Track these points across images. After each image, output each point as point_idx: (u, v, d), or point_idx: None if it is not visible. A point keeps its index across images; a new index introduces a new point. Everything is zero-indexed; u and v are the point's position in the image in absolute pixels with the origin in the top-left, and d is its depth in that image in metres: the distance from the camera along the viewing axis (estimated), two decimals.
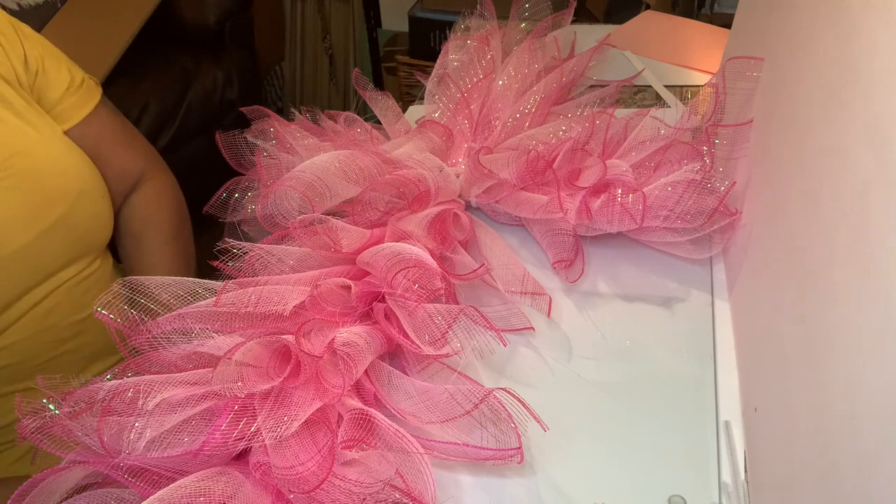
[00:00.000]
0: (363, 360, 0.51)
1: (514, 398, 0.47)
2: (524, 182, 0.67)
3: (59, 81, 0.72)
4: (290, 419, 0.46)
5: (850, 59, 0.42)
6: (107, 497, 0.44)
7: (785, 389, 0.43)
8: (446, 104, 0.80)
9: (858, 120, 0.39)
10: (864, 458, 0.31)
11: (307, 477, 0.43)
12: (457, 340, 0.52)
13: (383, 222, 0.64)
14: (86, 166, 0.72)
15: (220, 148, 0.71)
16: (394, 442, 0.47)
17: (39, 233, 0.66)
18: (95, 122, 0.75)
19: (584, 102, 0.82)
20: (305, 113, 0.77)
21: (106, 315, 0.49)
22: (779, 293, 0.48)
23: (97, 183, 0.73)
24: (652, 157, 0.67)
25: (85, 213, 0.71)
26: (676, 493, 0.47)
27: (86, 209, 0.71)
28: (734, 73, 0.66)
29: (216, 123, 1.76)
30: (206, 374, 0.48)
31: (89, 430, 0.43)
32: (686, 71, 1.00)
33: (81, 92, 0.74)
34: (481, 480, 0.49)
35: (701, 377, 0.55)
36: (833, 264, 0.39)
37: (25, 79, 0.69)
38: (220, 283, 0.53)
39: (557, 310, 0.63)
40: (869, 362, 0.32)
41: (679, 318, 0.61)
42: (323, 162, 0.65)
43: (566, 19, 0.91)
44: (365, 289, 0.57)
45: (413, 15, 1.73)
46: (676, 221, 0.60)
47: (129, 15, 1.62)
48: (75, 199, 0.69)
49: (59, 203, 0.68)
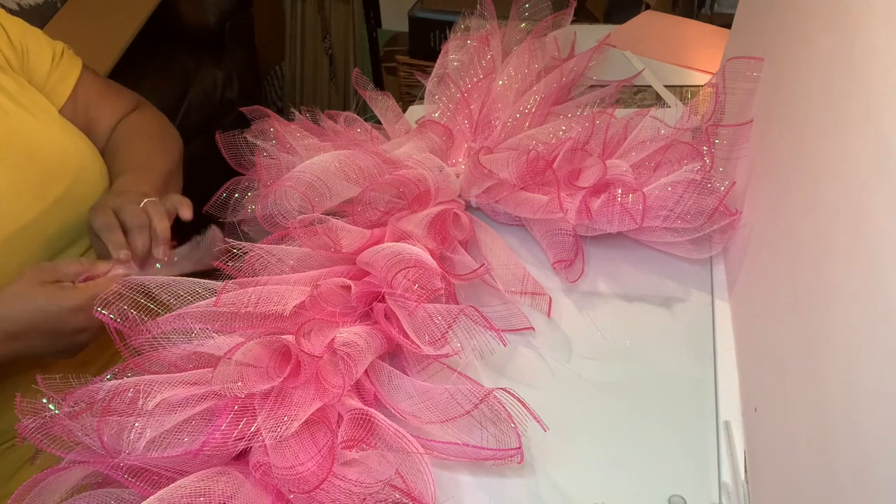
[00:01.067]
0: (363, 360, 0.51)
1: (514, 398, 0.47)
2: (524, 182, 0.67)
3: (42, 57, 0.74)
4: (290, 419, 0.46)
5: (850, 59, 0.42)
6: (107, 497, 0.44)
7: (785, 389, 0.43)
8: (446, 104, 0.80)
9: (858, 120, 0.39)
10: (864, 457, 0.31)
11: (307, 477, 0.43)
12: (457, 340, 0.52)
13: (383, 222, 0.64)
14: (83, 145, 0.74)
15: (220, 148, 0.71)
16: (394, 442, 0.47)
17: (45, 208, 0.68)
18: (82, 88, 0.78)
19: (584, 102, 0.82)
20: (305, 113, 0.77)
21: (106, 315, 0.49)
22: (779, 293, 0.48)
23: (96, 160, 0.75)
24: (652, 157, 0.67)
25: (87, 189, 0.72)
26: (676, 493, 0.47)
27: (87, 186, 0.72)
28: (734, 73, 0.66)
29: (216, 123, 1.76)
30: (206, 374, 0.48)
31: (89, 430, 0.43)
32: (686, 71, 1.00)
33: (64, 62, 0.77)
34: (481, 480, 0.49)
35: (701, 377, 0.55)
36: (833, 264, 0.39)
37: (15, 60, 0.71)
38: (220, 283, 0.53)
39: (557, 310, 0.63)
40: (869, 362, 0.32)
41: (679, 318, 0.61)
42: (323, 162, 0.65)
43: (566, 19, 0.91)
44: (365, 289, 0.57)
45: (413, 15, 1.73)
46: (676, 221, 0.60)
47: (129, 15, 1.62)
48: (76, 177, 0.71)
49: (61, 180, 0.69)
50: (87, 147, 0.74)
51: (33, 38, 0.74)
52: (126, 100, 0.83)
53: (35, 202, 0.67)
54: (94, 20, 1.58)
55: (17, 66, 0.71)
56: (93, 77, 0.80)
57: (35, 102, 0.71)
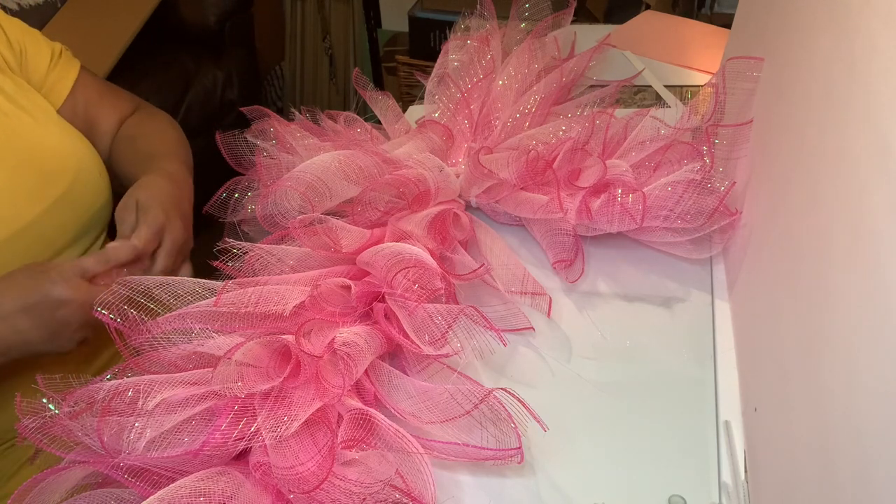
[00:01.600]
0: (363, 360, 0.51)
1: (514, 398, 0.47)
2: (524, 182, 0.67)
3: (41, 57, 0.74)
4: (290, 419, 0.46)
5: (850, 59, 0.42)
6: (107, 497, 0.44)
7: (785, 389, 0.43)
8: (446, 104, 0.80)
9: (858, 120, 0.39)
10: (864, 457, 0.31)
11: (307, 477, 0.43)
12: (457, 340, 0.52)
13: (383, 222, 0.64)
14: (82, 146, 0.74)
15: (220, 148, 0.71)
16: (394, 442, 0.47)
17: (45, 209, 0.68)
18: (81, 88, 0.78)
19: (584, 102, 0.82)
20: (305, 113, 0.77)
21: (106, 315, 0.49)
22: (779, 293, 0.48)
23: (95, 161, 0.75)
24: (652, 157, 0.67)
25: (86, 190, 0.72)
26: (676, 493, 0.47)
27: (86, 186, 0.72)
28: (734, 73, 0.66)
29: (216, 123, 1.76)
30: (206, 374, 0.48)
31: (89, 430, 0.43)
32: (686, 71, 1.00)
33: (62, 63, 0.77)
34: (481, 480, 0.49)
35: (701, 377, 0.55)
36: (833, 264, 0.39)
37: (13, 60, 0.71)
38: (220, 283, 0.53)
39: (557, 310, 0.63)
40: (868, 362, 0.32)
41: (679, 318, 0.61)
42: (323, 162, 0.65)
43: (566, 19, 0.91)
44: (365, 289, 0.57)
45: (413, 15, 1.73)
46: (676, 221, 0.60)
47: (129, 15, 1.62)
48: (75, 177, 0.71)
49: (60, 180, 0.69)
50: (85, 148, 0.74)
51: (31, 39, 0.74)
52: (126, 101, 0.84)
53: (34, 203, 0.67)
54: (94, 20, 1.59)
55: (15, 66, 0.71)
56: (92, 78, 0.81)
57: (34, 103, 0.71)
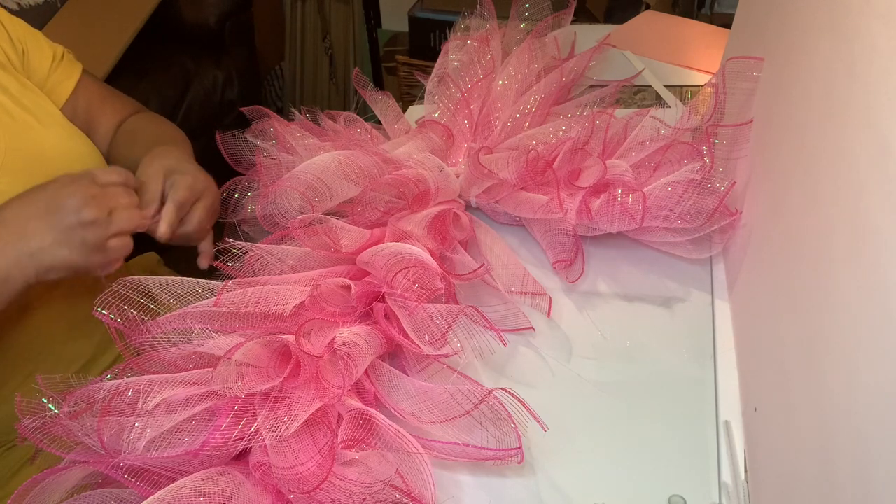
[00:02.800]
0: (363, 360, 0.51)
1: (514, 398, 0.47)
2: (524, 182, 0.67)
3: (43, 57, 0.74)
4: (290, 419, 0.46)
5: (849, 59, 0.42)
6: (107, 497, 0.44)
7: (785, 389, 0.43)
8: (446, 104, 0.80)
9: (858, 120, 0.39)
10: (864, 457, 0.31)
11: (307, 477, 0.43)
12: (457, 340, 0.52)
13: (383, 222, 0.64)
14: (86, 146, 0.74)
15: (220, 148, 0.71)
16: (394, 442, 0.47)
17: None
18: (83, 90, 0.78)
19: (584, 102, 0.82)
20: (305, 113, 0.77)
21: (106, 315, 0.49)
22: (779, 293, 0.48)
23: (99, 162, 0.75)
24: (652, 157, 0.67)
25: None
26: (676, 493, 0.47)
27: None
28: (734, 73, 0.66)
29: (216, 123, 1.76)
30: (206, 374, 0.48)
31: (89, 430, 0.43)
32: (686, 71, 1.00)
33: (64, 65, 0.77)
34: (481, 480, 0.49)
35: (701, 377, 0.55)
36: (833, 264, 0.39)
37: (16, 59, 0.71)
38: (220, 283, 0.53)
39: (557, 310, 0.63)
40: (868, 362, 0.32)
41: (679, 318, 0.61)
42: (323, 162, 0.65)
43: (566, 19, 0.91)
44: (365, 289, 0.57)
45: (413, 15, 1.72)
46: (676, 221, 0.60)
47: (129, 15, 1.62)
48: None
49: None
50: (89, 148, 0.74)
51: (34, 39, 0.75)
52: (126, 104, 0.84)
53: None
54: (94, 20, 1.58)
55: (18, 65, 0.71)
56: (93, 82, 0.81)
57: (37, 104, 0.71)
